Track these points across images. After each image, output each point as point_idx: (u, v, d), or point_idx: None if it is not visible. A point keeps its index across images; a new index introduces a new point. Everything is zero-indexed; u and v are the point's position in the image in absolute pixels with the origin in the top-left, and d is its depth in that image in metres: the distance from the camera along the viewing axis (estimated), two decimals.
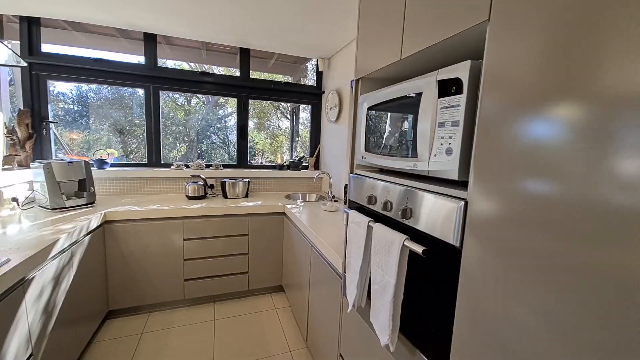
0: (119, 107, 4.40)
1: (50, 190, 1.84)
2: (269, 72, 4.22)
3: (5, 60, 1.93)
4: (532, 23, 0.50)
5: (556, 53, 0.46)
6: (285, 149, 4.71)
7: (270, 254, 2.33)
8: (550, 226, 0.47)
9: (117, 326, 1.96)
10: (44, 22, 2.37)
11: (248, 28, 2.23)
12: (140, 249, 2.01)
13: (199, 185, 2.38)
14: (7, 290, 1.06)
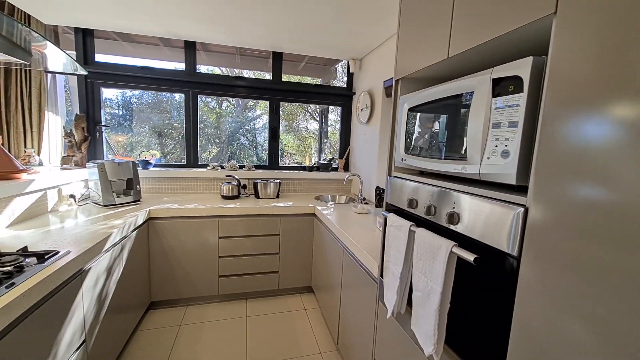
0: (157, 111, 4.70)
1: (103, 188, 2.00)
2: (299, 74, 4.29)
3: (67, 68, 2.13)
4: (605, 15, 0.46)
5: (632, 47, 0.42)
6: (313, 151, 4.74)
7: (300, 255, 2.35)
8: (625, 238, 0.42)
9: (158, 317, 2.08)
10: (97, 33, 2.59)
11: (282, 32, 2.27)
12: (180, 245, 2.12)
13: (233, 186, 2.47)
14: (67, 279, 1.16)
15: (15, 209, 1.59)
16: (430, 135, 0.95)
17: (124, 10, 2.02)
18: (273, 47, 2.65)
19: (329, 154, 3.77)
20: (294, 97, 2.93)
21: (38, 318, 0.98)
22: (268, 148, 2.93)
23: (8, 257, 1.08)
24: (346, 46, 2.50)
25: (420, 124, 1.01)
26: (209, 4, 1.88)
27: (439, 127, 0.92)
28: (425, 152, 0.96)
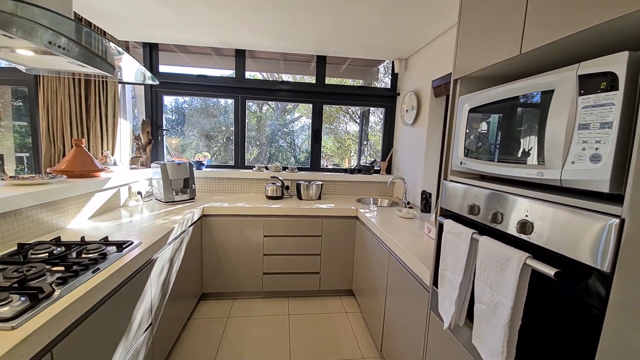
0: (205, 115, 5.06)
1: (165, 186, 2.21)
2: (340, 77, 4.30)
3: (137, 79, 2.39)
4: None
5: None
6: (352, 153, 4.71)
7: (341, 257, 2.35)
8: None
9: (209, 308, 2.22)
10: (160, 46, 2.86)
11: (328, 36, 2.30)
12: (229, 242, 2.24)
13: (277, 187, 2.55)
14: (140, 267, 1.29)
15: (96, 203, 1.82)
16: (495, 137, 0.89)
17: (186, 25, 2.21)
18: (318, 51, 2.70)
19: (369, 157, 3.72)
20: (337, 99, 2.95)
21: (117, 300, 1.11)
22: (310, 150, 2.99)
23: (93, 245, 1.23)
24: (392, 46, 2.45)
25: (482, 125, 0.95)
26: (260, 14, 1.98)
27: (505, 129, 0.85)
28: (489, 155, 0.90)
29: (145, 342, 1.34)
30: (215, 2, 1.84)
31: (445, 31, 2.08)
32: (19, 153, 7.11)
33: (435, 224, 1.26)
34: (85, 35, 1.06)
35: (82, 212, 1.68)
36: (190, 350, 1.78)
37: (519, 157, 0.79)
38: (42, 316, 0.77)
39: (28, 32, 0.89)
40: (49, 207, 1.44)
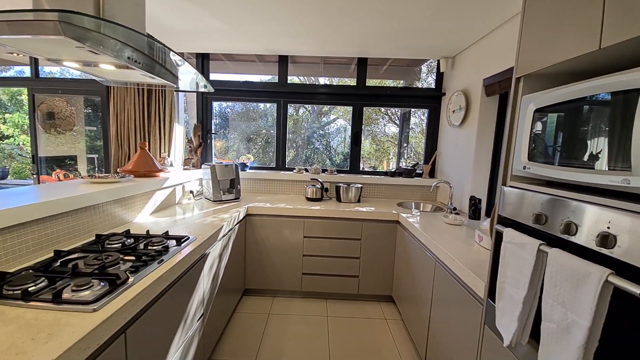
0: (245, 119, 5.32)
1: (214, 186, 2.36)
2: (380, 78, 4.24)
3: (192, 87, 2.60)
4: None
5: None
6: (391, 155, 4.60)
7: (381, 262, 2.31)
8: None
9: (251, 303, 2.32)
10: (210, 56, 3.07)
11: (372, 38, 2.28)
12: (270, 241, 2.32)
13: (316, 188, 2.59)
14: (196, 260, 1.39)
15: (156, 200, 2.00)
16: (566, 140, 0.81)
17: (235, 36, 2.35)
18: (359, 53, 2.69)
19: (409, 159, 3.60)
20: (377, 101, 2.90)
21: (177, 290, 1.21)
22: (350, 153, 2.98)
23: (157, 239, 1.36)
24: (439, 45, 2.35)
25: (550, 127, 0.87)
26: (305, 21, 2.03)
27: (579, 132, 0.77)
28: (558, 159, 0.82)
29: (198, 331, 1.44)
30: (263, 12, 1.93)
31: (499, 26, 1.94)
32: (89, 154, 8.10)
33: (491, 233, 1.18)
34: (157, 50, 1.19)
35: (145, 208, 1.86)
36: (235, 341, 1.87)
37: (595, 162, 0.70)
38: (119, 300, 0.87)
39: (111, 49, 1.02)
40: (120, 203, 1.62)
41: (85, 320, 0.76)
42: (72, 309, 0.80)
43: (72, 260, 1.09)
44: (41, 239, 1.16)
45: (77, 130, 7.99)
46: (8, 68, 5.32)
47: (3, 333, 0.69)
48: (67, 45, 0.90)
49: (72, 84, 3.32)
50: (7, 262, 1.03)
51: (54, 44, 0.91)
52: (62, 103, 7.81)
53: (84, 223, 1.38)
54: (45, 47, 0.97)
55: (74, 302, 0.82)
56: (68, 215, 1.28)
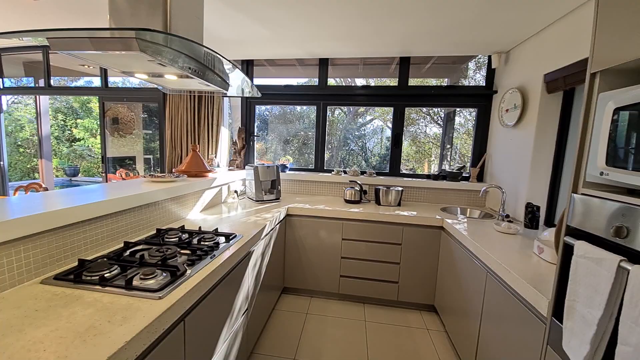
0: (282, 121, 5.46)
1: (256, 187, 2.46)
2: (422, 77, 4.08)
3: (238, 92, 2.74)
4: None
5: None
6: (433, 157, 4.40)
7: (422, 269, 2.21)
8: None
9: (289, 301, 2.38)
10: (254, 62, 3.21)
11: (417, 37, 2.21)
12: (309, 241, 2.36)
13: (355, 191, 2.57)
14: (242, 257, 1.47)
15: (205, 198, 2.15)
16: None
17: (279, 41, 2.44)
18: (402, 53, 2.62)
19: (453, 162, 3.41)
20: (420, 101, 2.80)
21: (225, 284, 1.28)
22: (390, 154, 2.91)
23: (208, 235, 1.46)
24: (491, 39, 2.19)
25: (635, 128, 0.76)
26: (347, 23, 2.03)
27: None
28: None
29: (242, 324, 1.51)
30: (305, 16, 1.97)
31: (564, 15, 1.76)
32: (145, 155, 8.96)
33: (556, 245, 1.07)
34: (213, 60, 1.28)
35: (196, 206, 2.01)
36: (276, 338, 1.93)
37: None
38: (180, 290, 0.94)
39: (175, 60, 1.12)
40: (176, 201, 1.77)
41: (152, 306, 0.84)
42: (141, 296, 0.89)
43: (138, 251, 1.21)
44: (113, 231, 1.31)
45: (136, 134, 8.90)
46: (78, 79, 6.07)
47: (83, 315, 0.79)
48: (140, 59, 1.01)
49: (134, 92, 3.70)
50: (85, 250, 1.18)
51: (129, 58, 1.03)
52: (124, 109, 8.75)
53: (147, 218, 1.53)
54: (121, 61, 1.10)
55: (143, 289, 0.91)
56: (134, 210, 1.43)
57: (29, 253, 0.96)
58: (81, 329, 0.73)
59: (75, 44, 0.88)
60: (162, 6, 1.03)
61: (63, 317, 0.77)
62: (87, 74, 4.73)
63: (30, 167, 8.50)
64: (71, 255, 1.10)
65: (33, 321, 0.75)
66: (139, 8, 1.04)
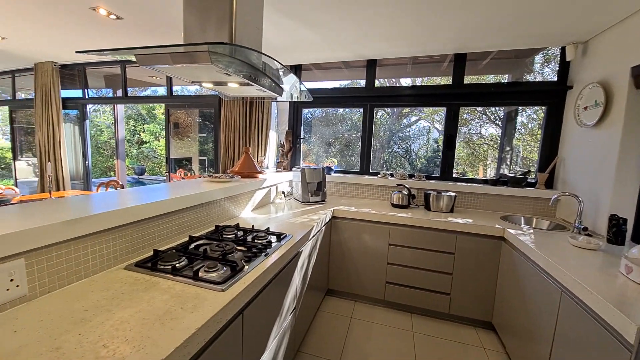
0: (325, 124, 5.49)
1: (303, 188, 2.51)
2: (478, 74, 3.81)
3: (287, 97, 2.84)
4: None
5: None
6: (489, 161, 4.06)
7: (479, 281, 2.04)
8: None
9: (333, 304, 2.37)
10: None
11: (473, 32, 2.07)
12: (354, 245, 2.33)
13: (403, 195, 2.48)
14: (292, 257, 1.50)
15: (256, 198, 2.25)
16: None
17: (327, 45, 2.47)
18: (457, 50, 2.47)
19: (514, 165, 3.09)
20: (477, 100, 2.60)
21: (277, 282, 1.32)
22: (441, 157, 2.75)
23: (261, 233, 1.52)
24: (567, 29, 1.95)
25: None
26: (399, 23, 1.98)
27: None
28: None
29: (290, 323, 1.55)
30: (356, 18, 1.97)
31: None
32: (200, 157, 9.70)
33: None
34: (272, 67, 1.34)
35: (248, 205, 2.11)
36: (320, 339, 1.94)
37: None
38: (239, 285, 0.99)
39: (239, 70, 1.19)
40: (231, 200, 1.88)
41: (217, 298, 0.90)
42: (207, 287, 0.96)
43: (201, 245, 1.31)
44: (180, 226, 1.44)
45: (192, 137, 9.74)
46: (146, 89, 6.83)
47: (160, 300, 0.88)
48: (210, 69, 1.10)
49: (194, 99, 4.06)
50: (158, 242, 1.31)
51: (200, 69, 1.13)
52: (183, 115, 9.59)
53: (206, 215, 1.65)
54: (193, 72, 1.21)
55: (208, 281, 0.98)
56: (197, 207, 1.55)
57: (115, 242, 1.09)
58: (159, 312, 0.81)
59: (158, 59, 1.00)
60: (228, 21, 1.11)
61: (144, 300, 0.87)
62: (154, 84, 5.32)
63: (107, 166, 9.80)
64: (147, 246, 1.24)
65: (120, 302, 0.85)
66: (208, 24, 1.14)
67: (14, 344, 0.66)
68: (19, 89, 4.74)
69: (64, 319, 0.76)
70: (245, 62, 1.23)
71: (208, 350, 0.81)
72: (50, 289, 0.89)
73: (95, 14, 2.28)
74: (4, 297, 0.78)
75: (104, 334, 0.71)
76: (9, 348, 0.65)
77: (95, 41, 2.94)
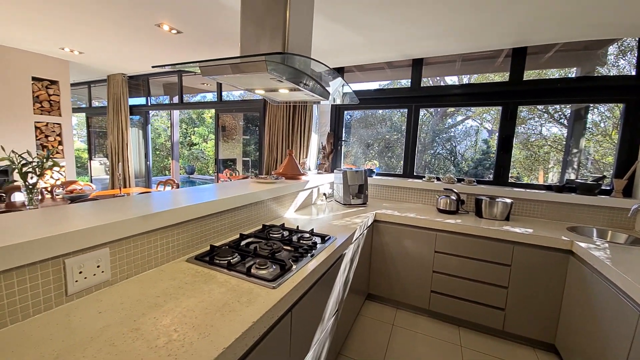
0: (363, 125, 5.40)
1: (344, 190, 2.51)
2: (539, 68, 3.46)
3: (336, 100, 2.86)
4: None
5: None
6: (552, 164, 3.67)
7: (540, 298, 1.84)
8: None
9: (374, 309, 2.33)
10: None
11: (540, 21, 1.88)
12: (397, 250, 2.26)
13: (451, 200, 2.34)
14: (336, 259, 1.51)
15: (299, 200, 2.30)
16: None
17: (371, 46, 2.44)
18: (516, 43, 2.27)
19: (583, 170, 2.74)
20: (539, 97, 2.36)
21: (322, 284, 1.33)
22: (495, 160, 2.54)
23: (305, 234, 1.55)
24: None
25: None
26: (450, 18, 1.88)
27: None
28: None
29: (333, 325, 1.55)
30: (403, 17, 1.91)
31: None
32: (243, 158, 10.20)
33: None
34: (320, 72, 1.36)
35: (291, 206, 2.17)
36: (361, 343, 1.91)
37: None
38: (288, 283, 1.02)
39: (291, 76, 1.24)
40: (276, 200, 1.95)
41: (269, 294, 0.94)
42: (259, 283, 1.00)
43: (251, 243, 1.38)
44: (231, 224, 1.53)
45: (237, 139, 10.29)
46: (195, 95, 7.37)
47: (219, 292, 0.94)
48: (264, 77, 1.16)
49: (241, 104, 4.29)
50: (213, 238, 1.41)
51: (255, 77, 1.19)
52: (229, 118, 10.14)
53: (254, 214, 1.73)
54: (248, 80, 1.29)
55: (260, 278, 1.03)
56: (246, 207, 1.64)
57: (179, 236, 1.20)
58: (219, 304, 0.87)
59: (220, 70, 1.09)
60: (282, 30, 1.16)
61: (205, 291, 0.93)
62: (205, 90, 5.74)
63: (162, 165, 10.78)
64: (204, 241, 1.34)
65: (185, 292, 0.93)
66: (263, 34, 1.20)
67: (100, 323, 0.76)
68: (93, 97, 5.47)
69: (140, 303, 0.85)
70: (296, 68, 1.27)
71: (261, 343, 0.85)
72: (128, 276, 1.00)
73: (160, 30, 2.54)
74: (92, 280, 0.89)
75: (175, 319, 0.78)
76: (96, 327, 0.74)
77: (157, 53, 3.27)
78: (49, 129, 3.83)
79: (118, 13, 2.25)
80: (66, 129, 3.99)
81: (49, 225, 0.85)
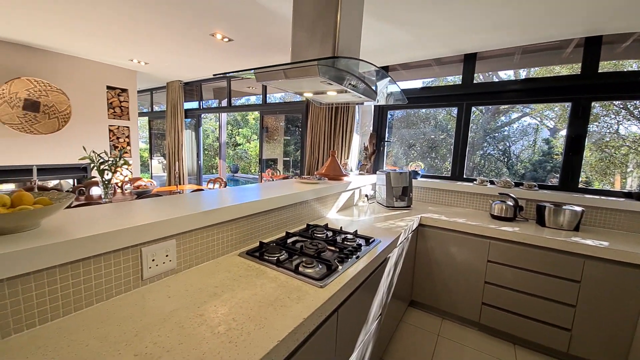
0: (405, 124, 5.19)
1: (387, 192, 2.45)
2: (614, 59, 3.03)
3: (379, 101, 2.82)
4: None
5: None
6: (632, 168, 3.18)
7: (614, 321, 1.61)
8: None
9: (417, 316, 2.24)
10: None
11: (614, 6, 1.65)
12: (444, 257, 2.15)
13: (507, 206, 2.15)
14: (381, 263, 1.48)
15: (341, 200, 2.30)
16: None
17: (419, 44, 2.35)
18: (587, 32, 2.01)
19: None
20: (617, 92, 2.06)
21: (367, 286, 1.32)
22: (562, 163, 2.28)
23: (349, 235, 1.54)
24: None
25: None
26: (511, 7, 1.73)
27: None
28: None
29: (376, 329, 1.52)
30: (454, 11, 1.81)
31: None
32: (284, 158, 10.52)
33: None
34: (368, 73, 1.35)
35: (333, 207, 2.18)
36: (404, 351, 1.85)
37: None
38: (335, 283, 1.03)
39: (340, 79, 1.24)
40: (319, 200, 1.97)
41: (317, 293, 0.95)
42: (307, 281, 1.02)
43: (297, 242, 1.41)
44: (278, 222, 1.58)
45: (278, 140, 10.64)
46: (240, 98, 7.75)
47: (270, 287, 0.97)
48: (315, 81, 1.19)
49: (285, 105, 4.43)
50: (262, 235, 1.47)
51: (305, 81, 1.22)
52: (272, 119, 10.50)
53: (299, 214, 1.77)
54: (299, 84, 1.33)
55: (308, 276, 1.05)
56: (292, 206, 1.68)
57: (233, 232, 1.28)
58: (271, 298, 0.90)
59: (274, 75, 1.14)
60: (332, 34, 1.18)
61: (257, 285, 0.98)
62: (251, 93, 6.03)
63: (210, 164, 11.56)
64: (254, 237, 1.40)
65: (239, 284, 0.99)
66: (314, 38, 1.23)
67: (170, 306, 0.84)
68: (155, 103, 6.08)
69: (202, 291, 0.93)
70: (345, 70, 1.28)
71: (310, 340, 0.87)
72: (190, 265, 1.09)
73: (213, 39, 2.73)
74: (162, 268, 0.99)
75: (232, 308, 0.83)
76: (166, 310, 0.82)
77: (208, 61, 3.52)
78: (120, 132, 4.36)
79: (181, 25, 2.48)
80: (133, 132, 4.50)
81: (127, 218, 0.97)
